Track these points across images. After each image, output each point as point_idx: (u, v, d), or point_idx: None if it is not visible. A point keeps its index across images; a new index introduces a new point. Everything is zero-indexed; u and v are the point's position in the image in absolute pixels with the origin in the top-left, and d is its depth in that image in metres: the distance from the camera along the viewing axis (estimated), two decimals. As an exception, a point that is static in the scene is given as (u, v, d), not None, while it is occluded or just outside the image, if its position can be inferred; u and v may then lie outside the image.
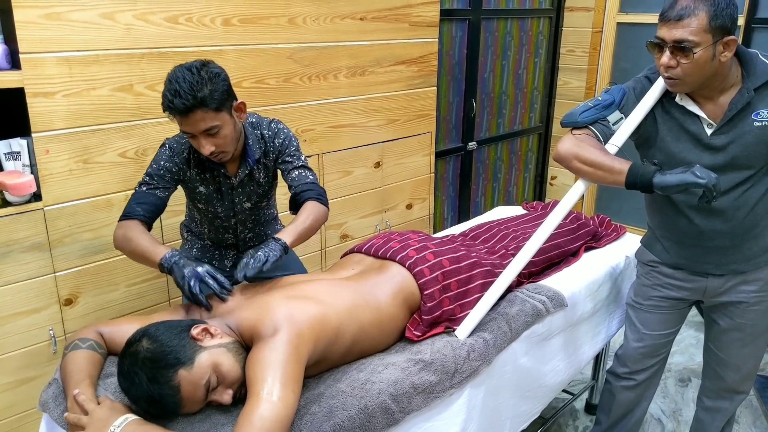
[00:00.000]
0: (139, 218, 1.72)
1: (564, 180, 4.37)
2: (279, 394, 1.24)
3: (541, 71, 4.18)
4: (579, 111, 1.79)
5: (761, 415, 2.65)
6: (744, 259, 1.80)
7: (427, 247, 1.80)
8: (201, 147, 1.65)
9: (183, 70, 1.60)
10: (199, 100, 1.57)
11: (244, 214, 1.93)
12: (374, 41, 2.74)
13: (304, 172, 1.86)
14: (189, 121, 1.61)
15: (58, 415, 1.37)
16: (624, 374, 2.08)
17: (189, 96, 1.56)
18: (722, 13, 1.53)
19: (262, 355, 1.31)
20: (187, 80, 1.57)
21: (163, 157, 1.77)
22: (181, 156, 1.78)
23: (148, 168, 1.78)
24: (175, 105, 1.57)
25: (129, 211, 1.73)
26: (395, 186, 3.04)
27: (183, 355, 1.30)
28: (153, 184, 1.76)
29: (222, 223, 1.93)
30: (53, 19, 1.85)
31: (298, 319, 1.40)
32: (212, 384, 1.32)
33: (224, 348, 1.36)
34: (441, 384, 1.54)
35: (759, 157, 1.69)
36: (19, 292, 1.93)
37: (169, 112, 1.61)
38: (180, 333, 1.34)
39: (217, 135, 1.65)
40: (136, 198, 1.75)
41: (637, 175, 1.61)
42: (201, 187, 1.84)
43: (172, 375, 1.27)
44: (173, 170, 1.77)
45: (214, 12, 2.19)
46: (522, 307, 1.82)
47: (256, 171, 1.87)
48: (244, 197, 1.89)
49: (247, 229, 1.98)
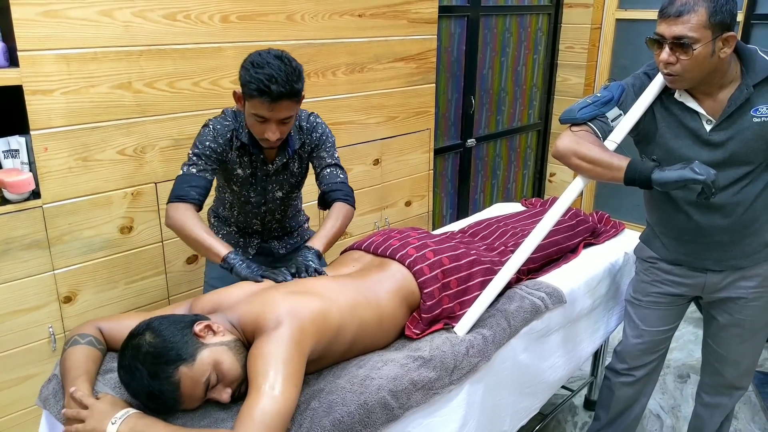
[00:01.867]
0: (194, 202, 1.74)
1: (563, 177, 4.37)
2: (281, 388, 1.24)
3: (540, 68, 4.18)
4: (578, 108, 1.79)
5: (760, 410, 2.65)
6: (743, 255, 1.80)
7: (427, 245, 1.80)
8: (270, 132, 1.69)
9: (273, 58, 1.63)
10: (294, 91, 1.64)
11: (274, 203, 1.97)
12: (373, 38, 2.73)
13: (336, 170, 1.91)
14: (276, 107, 1.64)
15: (58, 412, 1.37)
16: (623, 370, 2.08)
17: (286, 85, 1.61)
18: (722, 9, 1.52)
19: (265, 350, 1.31)
20: (282, 69, 1.61)
21: (208, 138, 1.78)
22: (225, 137, 1.79)
23: (193, 148, 1.78)
24: (271, 90, 1.60)
25: (182, 193, 1.74)
26: (394, 183, 3.04)
27: (185, 351, 1.30)
28: (201, 166, 1.77)
29: (252, 209, 1.96)
30: (51, 17, 1.84)
31: (301, 314, 1.40)
32: (212, 382, 1.31)
33: (226, 346, 1.36)
34: (440, 380, 1.54)
35: (758, 153, 1.69)
36: (19, 289, 1.93)
37: (257, 96, 1.62)
38: (183, 329, 1.34)
39: (288, 123, 1.71)
40: (187, 180, 1.76)
41: (635, 171, 1.61)
42: (239, 170, 1.86)
43: (173, 371, 1.27)
44: (218, 150, 1.78)
45: (213, 9, 2.19)
46: (521, 303, 1.82)
47: (292, 161, 1.90)
48: (276, 186, 1.92)
49: (275, 219, 2.02)
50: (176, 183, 1.77)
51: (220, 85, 2.26)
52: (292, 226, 2.10)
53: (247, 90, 1.64)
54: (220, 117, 1.83)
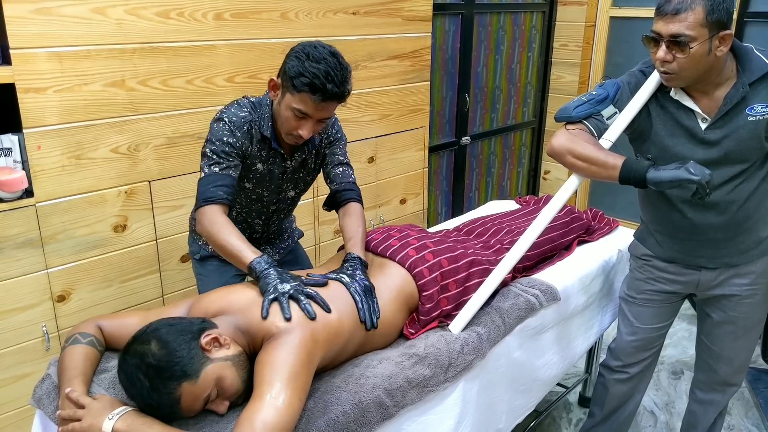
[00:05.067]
0: (222, 202, 1.61)
1: (557, 174, 4.38)
2: (285, 399, 1.22)
3: (535, 65, 4.19)
4: (573, 106, 1.78)
5: (753, 406, 2.67)
6: (737, 253, 1.81)
7: (427, 246, 1.79)
8: (305, 130, 1.60)
9: (329, 54, 1.54)
10: (346, 93, 1.58)
11: (285, 203, 1.92)
12: (367, 36, 2.73)
13: (348, 170, 1.89)
14: (324, 106, 1.56)
15: (52, 411, 1.36)
16: (617, 367, 2.09)
17: (341, 86, 1.55)
18: (719, 7, 1.52)
19: (273, 357, 1.29)
20: (338, 69, 1.54)
21: (224, 133, 1.64)
22: (242, 130, 1.66)
23: (209, 146, 1.64)
24: (327, 89, 1.52)
25: (209, 195, 1.60)
26: (389, 181, 3.04)
27: (190, 368, 1.25)
28: (223, 163, 1.63)
29: (260, 208, 1.87)
30: (44, 14, 1.83)
31: (314, 324, 1.37)
32: (212, 397, 1.29)
33: (230, 362, 1.32)
34: (435, 378, 1.54)
35: (752, 152, 1.69)
36: (12, 288, 1.92)
37: (307, 91, 1.53)
38: (190, 341, 1.29)
39: (323, 123, 1.64)
40: (211, 180, 1.62)
41: (630, 170, 1.61)
42: (259, 165, 1.75)
43: (175, 387, 1.24)
44: (236, 145, 1.65)
45: (206, 6, 2.18)
46: (515, 301, 1.83)
47: (310, 157, 1.85)
48: (291, 184, 1.87)
49: (278, 219, 1.97)
50: (200, 186, 1.63)
51: (213, 82, 2.26)
52: (285, 228, 2.07)
53: (298, 83, 1.53)
54: (234, 108, 1.69)
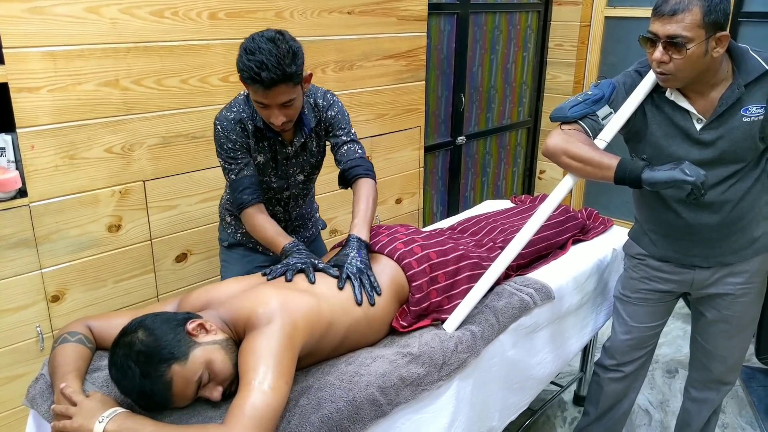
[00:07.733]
0: (252, 203, 1.79)
1: (553, 174, 4.38)
2: (271, 384, 1.24)
3: (530, 65, 4.19)
4: (568, 106, 1.78)
5: (747, 405, 2.68)
6: (731, 252, 1.82)
7: (414, 240, 1.81)
8: (273, 117, 1.67)
9: (265, 41, 1.58)
10: (287, 76, 1.58)
11: (297, 188, 1.95)
12: (362, 35, 2.73)
13: (354, 146, 1.90)
14: (271, 93, 1.61)
15: (46, 411, 1.36)
16: (612, 366, 2.09)
17: (277, 71, 1.56)
18: (716, 8, 1.52)
19: (256, 345, 1.31)
20: (273, 54, 1.56)
21: (221, 139, 1.78)
22: (235, 130, 1.78)
23: (218, 155, 1.81)
24: (262, 78, 1.56)
25: (239, 202, 1.79)
26: (384, 181, 3.04)
27: (178, 350, 1.29)
28: (236, 168, 1.79)
29: (274, 195, 1.94)
30: (37, 13, 1.83)
31: (293, 310, 1.40)
32: (204, 380, 1.31)
33: (218, 345, 1.35)
34: (429, 376, 1.54)
35: (747, 152, 1.69)
36: (6, 288, 1.92)
37: (250, 83, 1.60)
38: (176, 327, 1.33)
39: (290, 106, 1.67)
40: (235, 187, 1.80)
41: (625, 170, 1.62)
42: (259, 156, 1.84)
43: (165, 369, 1.26)
44: (237, 143, 1.78)
45: (201, 5, 2.17)
46: (509, 299, 1.83)
47: (310, 140, 1.89)
48: (297, 168, 1.91)
49: (298, 205, 2.00)
50: (231, 194, 1.84)
51: (208, 82, 2.25)
52: (310, 213, 2.11)
53: (243, 78, 1.61)
54: (224, 111, 1.80)
